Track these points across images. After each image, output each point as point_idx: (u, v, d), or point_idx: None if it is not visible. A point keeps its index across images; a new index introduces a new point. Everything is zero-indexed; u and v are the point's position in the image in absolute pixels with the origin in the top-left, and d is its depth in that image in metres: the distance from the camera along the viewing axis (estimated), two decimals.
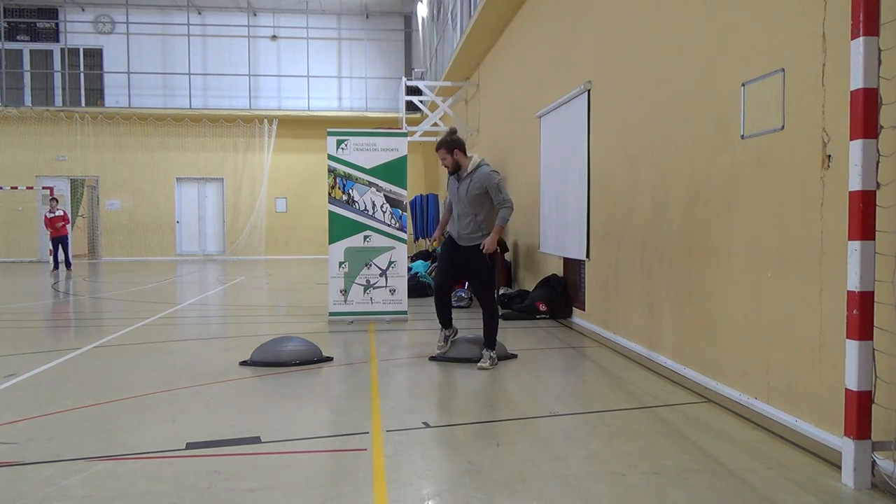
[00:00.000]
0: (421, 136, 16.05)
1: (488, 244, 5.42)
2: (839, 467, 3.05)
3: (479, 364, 5.44)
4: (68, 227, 16.65)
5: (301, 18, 21.94)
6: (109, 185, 21.03)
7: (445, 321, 5.75)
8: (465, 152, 5.54)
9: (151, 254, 21.08)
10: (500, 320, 5.77)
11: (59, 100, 21.26)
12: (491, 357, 5.47)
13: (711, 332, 4.71)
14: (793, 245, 3.80)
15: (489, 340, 5.55)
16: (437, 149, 5.52)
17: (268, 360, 5.46)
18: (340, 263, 7.79)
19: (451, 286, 5.94)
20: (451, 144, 5.47)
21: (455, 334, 5.83)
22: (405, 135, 8.23)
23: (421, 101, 16.27)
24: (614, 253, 6.57)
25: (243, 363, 5.52)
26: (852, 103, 2.94)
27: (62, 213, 16.36)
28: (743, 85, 4.28)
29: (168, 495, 2.91)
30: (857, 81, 2.90)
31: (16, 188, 19.82)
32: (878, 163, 2.89)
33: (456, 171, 5.55)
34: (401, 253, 7.90)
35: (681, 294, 5.17)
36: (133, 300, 10.45)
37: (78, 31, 21.31)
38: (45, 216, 16.52)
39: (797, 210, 3.76)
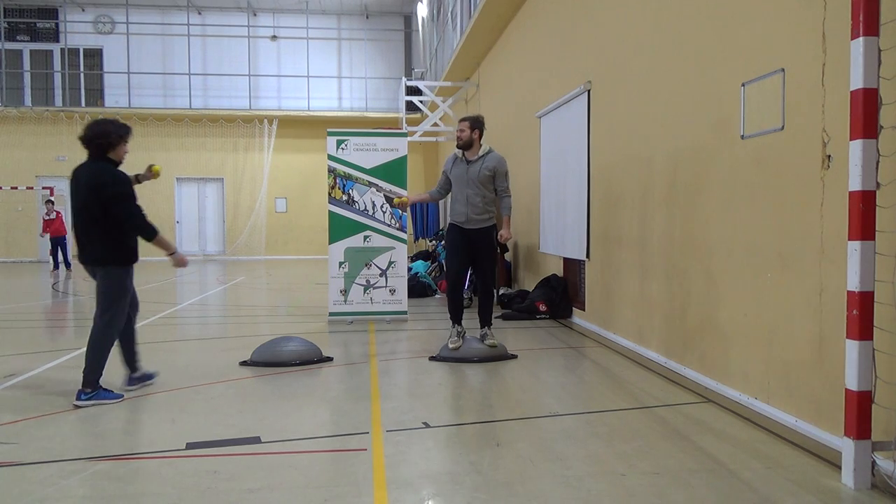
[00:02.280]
0: (421, 136, 16.05)
1: (507, 234, 5.82)
2: (839, 467, 3.05)
3: (487, 343, 5.75)
4: (66, 227, 16.61)
5: (301, 18, 21.94)
6: None
7: (458, 316, 5.88)
8: (481, 137, 5.86)
9: (151, 254, 20.93)
10: (500, 320, 5.85)
11: (59, 100, 21.26)
12: (491, 334, 5.86)
13: (711, 332, 4.71)
14: (793, 245, 3.80)
15: (489, 318, 5.91)
16: (462, 120, 5.79)
17: (268, 360, 5.46)
18: (340, 263, 7.79)
19: (464, 277, 6.12)
20: (477, 123, 5.82)
21: (463, 332, 5.85)
22: (405, 135, 8.22)
23: (421, 102, 16.27)
24: (614, 253, 6.57)
25: (243, 363, 5.52)
26: (852, 103, 2.94)
27: (55, 216, 16.29)
28: (743, 85, 4.28)
29: (168, 495, 2.91)
30: (857, 81, 2.90)
31: (16, 188, 19.81)
32: (878, 163, 2.89)
33: (466, 148, 5.78)
34: (401, 253, 7.89)
35: (681, 294, 5.17)
36: None
37: (78, 31, 21.31)
38: (43, 219, 16.46)
39: (797, 210, 3.76)
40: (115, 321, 4.49)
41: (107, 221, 4.39)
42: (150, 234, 4.52)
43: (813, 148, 3.61)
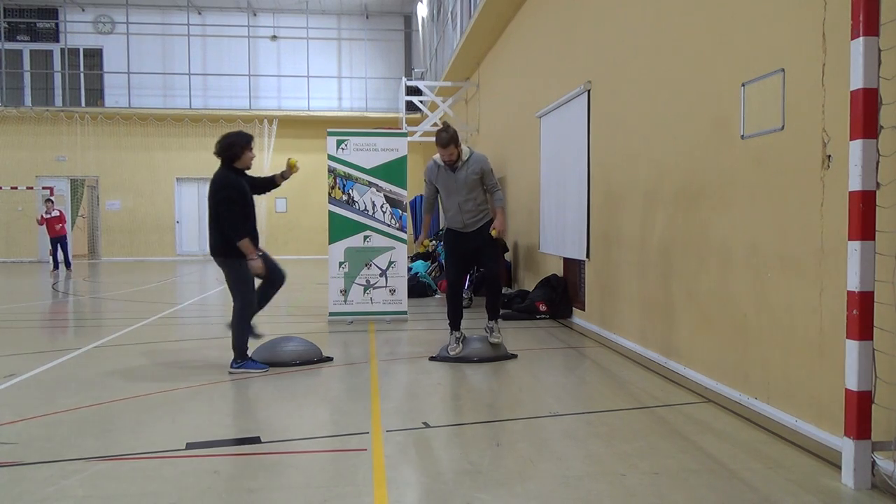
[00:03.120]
0: (421, 136, 16.04)
1: (500, 226, 5.58)
2: (839, 467, 3.05)
3: (491, 339, 5.71)
4: (67, 227, 16.61)
5: (301, 18, 21.94)
6: (109, 185, 21.03)
7: (457, 322, 5.81)
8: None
9: (151, 254, 21.08)
10: (500, 320, 5.85)
11: (59, 100, 21.26)
12: (498, 328, 5.76)
13: (711, 332, 4.71)
14: (793, 245, 3.80)
15: (496, 312, 5.82)
16: (447, 144, 5.41)
17: (268, 360, 5.46)
18: (340, 263, 7.80)
19: (463, 281, 6.03)
20: (456, 138, 5.50)
21: (462, 337, 5.84)
22: (405, 135, 8.23)
23: (421, 101, 16.27)
24: (614, 253, 6.57)
25: None
26: (852, 103, 2.94)
27: (58, 214, 16.30)
28: (743, 85, 4.28)
29: (168, 495, 2.91)
30: (857, 81, 2.90)
31: (16, 188, 19.80)
32: (878, 163, 2.89)
33: (455, 162, 5.57)
34: (401, 253, 7.89)
35: (681, 294, 5.17)
36: (133, 300, 10.45)
37: (78, 31, 21.31)
38: (42, 216, 16.44)
39: (797, 210, 3.76)
40: (246, 305, 5.25)
41: (220, 219, 5.09)
42: (236, 236, 5.05)
43: (813, 148, 3.61)
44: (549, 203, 8.86)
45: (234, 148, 5.13)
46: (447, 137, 5.42)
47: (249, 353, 5.55)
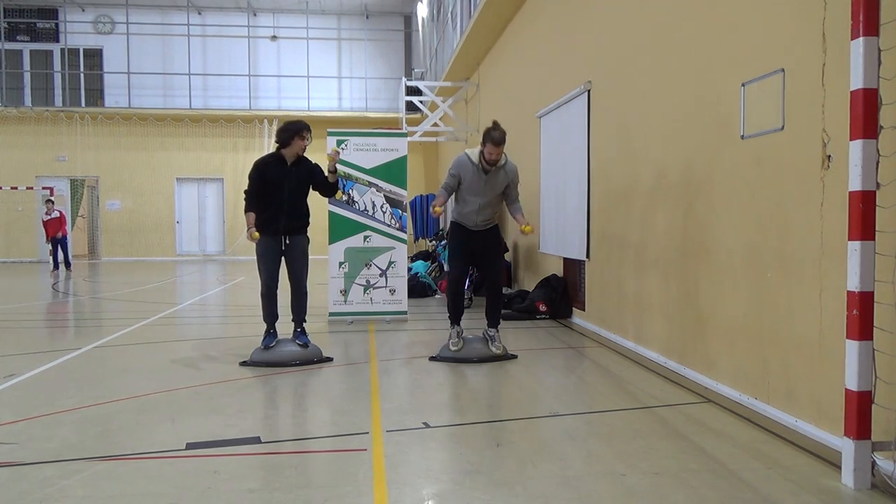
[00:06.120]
0: (421, 136, 16.04)
1: (527, 224, 5.57)
2: (839, 467, 3.05)
3: (494, 347, 5.68)
4: (67, 227, 16.60)
5: (301, 18, 21.94)
6: (109, 185, 21.03)
7: (458, 316, 5.80)
8: None
9: (151, 254, 21.07)
10: (501, 323, 5.85)
11: (59, 100, 21.26)
12: (499, 337, 5.74)
13: (711, 332, 4.71)
14: (793, 245, 3.80)
15: (497, 318, 5.78)
16: (501, 142, 5.33)
17: (268, 360, 5.46)
18: (340, 263, 7.80)
19: (466, 275, 6.08)
20: (505, 140, 5.43)
21: (463, 332, 5.83)
22: (405, 135, 8.23)
23: (421, 102, 16.26)
24: (614, 253, 6.57)
25: (243, 363, 5.52)
26: (852, 103, 2.94)
27: (59, 215, 16.27)
28: (743, 85, 4.28)
29: (168, 495, 2.91)
30: (857, 81, 2.90)
31: (16, 188, 19.81)
32: (878, 163, 2.89)
33: (494, 163, 5.49)
34: (401, 253, 7.90)
35: (681, 294, 5.17)
36: (133, 300, 10.45)
37: (78, 32, 21.31)
38: (42, 219, 16.42)
39: (797, 210, 3.76)
40: (261, 284, 5.57)
41: None
42: (245, 208, 5.51)
43: (813, 148, 3.61)
44: (550, 203, 8.86)
45: (283, 134, 5.46)
46: (502, 136, 5.34)
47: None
